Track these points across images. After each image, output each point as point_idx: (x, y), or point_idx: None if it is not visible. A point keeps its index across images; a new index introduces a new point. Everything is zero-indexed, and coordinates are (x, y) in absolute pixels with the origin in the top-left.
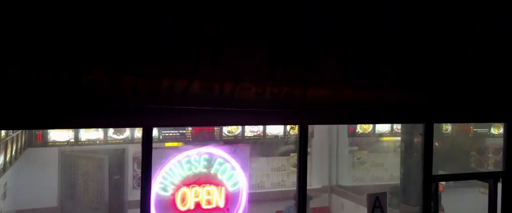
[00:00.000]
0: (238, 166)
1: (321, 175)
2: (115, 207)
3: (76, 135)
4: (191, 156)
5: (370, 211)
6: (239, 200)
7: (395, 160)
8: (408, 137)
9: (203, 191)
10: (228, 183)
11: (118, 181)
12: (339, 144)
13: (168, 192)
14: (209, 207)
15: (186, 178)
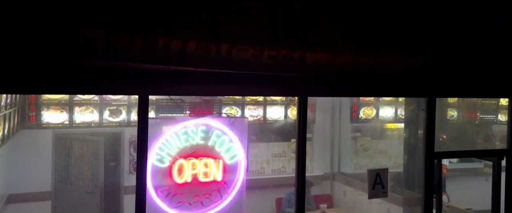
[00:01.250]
0: (236, 139)
1: (323, 162)
2: (110, 192)
3: (70, 117)
4: (188, 127)
5: (371, 187)
6: (237, 174)
7: (398, 148)
8: (412, 124)
9: (201, 164)
10: (225, 156)
11: (114, 166)
12: (342, 130)
13: (165, 163)
14: (206, 180)
15: (183, 150)
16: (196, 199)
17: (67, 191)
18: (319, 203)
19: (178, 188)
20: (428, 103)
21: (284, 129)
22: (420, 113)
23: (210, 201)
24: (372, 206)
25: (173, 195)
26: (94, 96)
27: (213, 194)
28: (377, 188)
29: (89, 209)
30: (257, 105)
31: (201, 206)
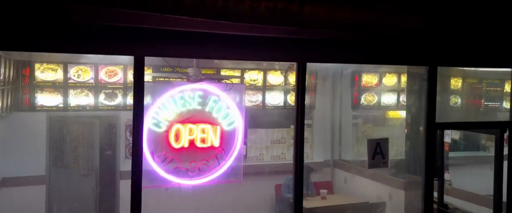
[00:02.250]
0: (234, 105)
1: (323, 149)
2: (106, 175)
3: (65, 100)
4: (185, 92)
5: (371, 157)
6: (235, 141)
7: (401, 135)
8: (413, 108)
9: (198, 129)
10: (223, 122)
11: (110, 154)
12: (342, 117)
13: (161, 128)
14: (204, 145)
15: (179, 115)
16: (194, 165)
17: (62, 175)
18: (319, 189)
19: (175, 153)
20: (429, 72)
21: (283, 115)
22: (422, 100)
23: (208, 167)
24: (374, 191)
25: (170, 161)
26: (89, 79)
27: (210, 160)
28: (377, 158)
29: (84, 192)
30: (256, 90)
31: (198, 172)
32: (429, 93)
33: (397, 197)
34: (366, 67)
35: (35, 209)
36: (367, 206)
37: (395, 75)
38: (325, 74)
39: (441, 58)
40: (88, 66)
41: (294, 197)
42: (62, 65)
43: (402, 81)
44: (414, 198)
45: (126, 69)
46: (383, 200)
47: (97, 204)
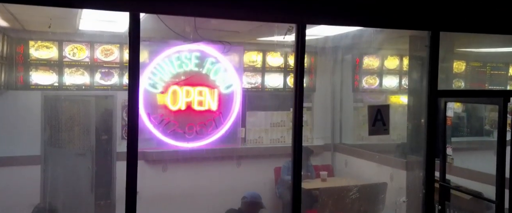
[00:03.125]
0: (231, 67)
1: (324, 132)
2: (102, 155)
3: (60, 79)
4: (181, 52)
5: (371, 124)
6: (233, 104)
7: (403, 119)
8: (415, 93)
9: (195, 92)
10: (221, 85)
11: (106, 139)
12: (343, 100)
13: (158, 89)
14: (201, 108)
15: (176, 76)
16: (191, 128)
17: (57, 154)
18: (319, 172)
19: (172, 116)
20: (432, 37)
21: (283, 98)
22: (423, 83)
23: (205, 130)
24: (375, 172)
25: (167, 123)
26: (84, 57)
27: (208, 123)
28: (378, 125)
29: (80, 171)
30: (255, 72)
31: (195, 135)
32: (431, 59)
33: (399, 178)
34: (367, 49)
35: (30, 189)
36: (367, 187)
37: (397, 57)
38: (325, 56)
39: (444, 22)
40: (83, 44)
41: (293, 177)
42: (57, 43)
43: (404, 64)
44: (415, 178)
45: (123, 48)
46: (385, 181)
47: (93, 183)
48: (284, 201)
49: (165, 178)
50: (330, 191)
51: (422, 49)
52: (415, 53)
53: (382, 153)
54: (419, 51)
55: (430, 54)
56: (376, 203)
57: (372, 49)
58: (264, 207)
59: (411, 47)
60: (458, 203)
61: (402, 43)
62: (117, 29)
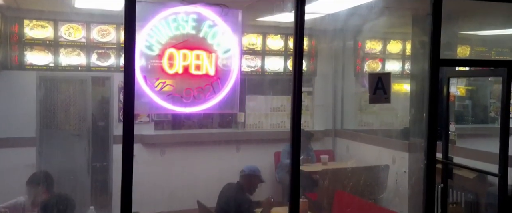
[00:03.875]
0: (229, 31)
1: (325, 118)
2: (99, 136)
3: (55, 59)
4: (178, 14)
5: (372, 92)
6: (231, 70)
7: (406, 104)
8: (418, 78)
9: (192, 55)
10: (218, 49)
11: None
12: (345, 85)
13: (154, 52)
14: (199, 73)
15: (173, 38)
16: (188, 92)
17: (53, 136)
18: (320, 156)
19: (169, 79)
20: (434, 5)
21: (283, 82)
22: (425, 69)
23: (203, 95)
24: (377, 156)
25: (164, 86)
26: (80, 38)
27: (206, 88)
28: (379, 93)
29: (76, 153)
30: (255, 55)
31: (193, 100)
32: (433, 27)
33: (401, 160)
34: (370, 32)
35: (26, 171)
36: (369, 169)
37: (400, 42)
38: (327, 40)
39: None
40: (79, 24)
41: (291, 160)
42: (53, 22)
43: (407, 49)
44: (418, 159)
45: (119, 29)
46: (386, 163)
47: (90, 165)
48: (284, 185)
49: (163, 162)
50: (330, 173)
51: (424, 34)
52: (418, 37)
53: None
54: (421, 36)
55: (433, 22)
56: (377, 185)
57: (374, 32)
58: (263, 181)
59: (414, 30)
60: (461, 183)
61: (405, 26)
62: (114, 7)
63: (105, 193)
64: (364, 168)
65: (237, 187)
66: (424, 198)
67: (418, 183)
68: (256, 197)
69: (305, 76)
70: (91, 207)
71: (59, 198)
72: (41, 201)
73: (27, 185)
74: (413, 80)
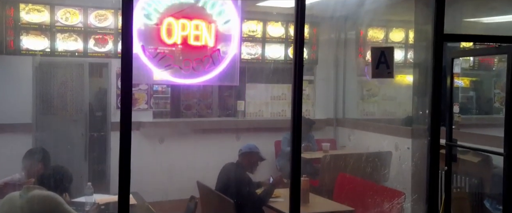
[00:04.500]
0: (229, 2)
1: (326, 107)
2: (96, 121)
3: (52, 44)
4: None
5: (375, 66)
6: (231, 41)
7: (408, 94)
8: (421, 66)
9: (191, 25)
10: (218, 19)
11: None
12: (347, 73)
13: (152, 20)
14: (198, 44)
15: (171, 8)
16: (187, 63)
17: (49, 122)
18: (321, 144)
19: (167, 50)
20: None
21: (284, 70)
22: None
23: (202, 67)
24: (380, 143)
25: (162, 56)
26: (77, 23)
27: (205, 59)
28: (381, 67)
29: (73, 139)
30: (255, 42)
31: (192, 72)
32: (437, 1)
33: (404, 147)
34: (372, 21)
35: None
36: (370, 155)
37: (402, 30)
38: (328, 28)
39: None
40: (76, 9)
41: (292, 147)
42: (49, 6)
43: (409, 37)
44: (421, 145)
45: (117, 14)
46: (389, 150)
47: (87, 151)
48: (285, 173)
49: (162, 151)
50: (332, 158)
51: (427, 22)
52: (420, 26)
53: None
54: (424, 24)
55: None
56: (380, 171)
57: (377, 20)
58: (263, 159)
59: (416, 17)
60: (466, 168)
61: (407, 13)
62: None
63: (102, 180)
64: (365, 154)
65: (237, 166)
66: (427, 183)
67: (422, 169)
68: (256, 178)
69: (306, 65)
70: (88, 183)
71: (55, 169)
72: (38, 174)
73: (23, 161)
74: (416, 68)
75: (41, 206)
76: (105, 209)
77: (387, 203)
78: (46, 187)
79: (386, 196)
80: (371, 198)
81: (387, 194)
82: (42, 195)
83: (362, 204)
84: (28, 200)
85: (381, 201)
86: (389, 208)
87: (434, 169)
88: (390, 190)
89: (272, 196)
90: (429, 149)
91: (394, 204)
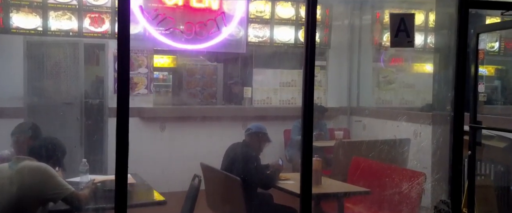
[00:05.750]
0: None
1: (339, 94)
2: (92, 105)
3: (44, 23)
4: None
5: (394, 35)
6: (236, 4)
7: (428, 81)
8: (443, 51)
9: None
10: None
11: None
12: (361, 59)
13: None
14: (201, 6)
15: None
16: (189, 27)
17: (42, 106)
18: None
19: (168, 11)
20: None
21: (294, 55)
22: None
23: (206, 32)
24: (397, 130)
25: (162, 19)
26: (72, 0)
27: (208, 23)
28: (401, 36)
29: (67, 123)
30: (263, 24)
31: (194, 36)
32: None
33: (424, 133)
34: (389, 2)
35: None
36: (386, 143)
37: (422, 12)
38: (342, 9)
39: None
40: None
41: (303, 135)
42: None
43: (430, 20)
44: (442, 131)
45: None
46: (407, 137)
47: (83, 136)
48: (295, 163)
49: (163, 139)
50: (345, 145)
51: (450, 5)
52: (443, 8)
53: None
54: (447, 7)
55: None
56: (396, 159)
57: (394, 1)
58: (270, 141)
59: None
60: (491, 155)
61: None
62: None
63: (100, 167)
64: (381, 141)
65: (243, 145)
66: (451, 164)
67: (444, 157)
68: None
69: (318, 49)
70: (83, 159)
71: (47, 140)
72: (28, 148)
73: (12, 136)
74: (437, 52)
75: (32, 177)
76: (101, 186)
77: (406, 184)
78: (37, 159)
79: (405, 176)
80: (389, 178)
81: (406, 174)
82: (33, 165)
83: (378, 185)
84: (18, 171)
85: (399, 182)
86: (408, 189)
87: (458, 150)
88: (409, 171)
89: (280, 178)
90: (452, 128)
91: (414, 185)
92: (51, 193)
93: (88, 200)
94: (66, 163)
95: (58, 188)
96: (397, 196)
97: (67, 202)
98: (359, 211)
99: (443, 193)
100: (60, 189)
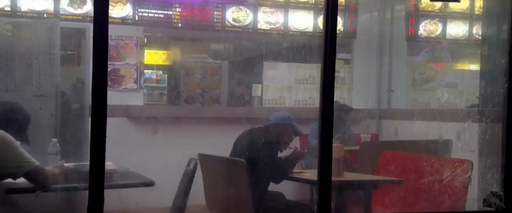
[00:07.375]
0: None
1: (366, 94)
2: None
3: (13, 2)
4: None
5: None
6: None
7: (474, 81)
8: (491, 43)
9: None
10: None
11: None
12: (394, 52)
13: None
14: None
15: None
16: None
17: (10, 100)
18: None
19: None
20: None
21: (312, 45)
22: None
23: None
24: (436, 133)
25: None
26: None
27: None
28: None
29: (40, 119)
30: (276, 8)
31: None
32: None
33: (469, 133)
34: None
35: None
36: (423, 145)
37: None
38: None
39: None
40: None
41: (320, 139)
42: None
43: (476, 6)
44: (490, 129)
45: None
46: (448, 138)
47: (58, 133)
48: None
49: (156, 144)
50: (372, 146)
51: None
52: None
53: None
54: None
55: None
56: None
57: None
58: (300, 134)
59: None
60: None
61: None
62: None
63: None
64: (415, 142)
65: (265, 132)
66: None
67: (492, 157)
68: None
69: (342, 39)
70: (53, 139)
71: (4, 105)
72: None
73: None
74: (485, 44)
75: None
76: (74, 169)
77: (449, 172)
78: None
79: (447, 165)
80: (428, 165)
81: (448, 163)
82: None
83: (414, 175)
84: None
85: (440, 169)
86: (451, 178)
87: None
88: (452, 160)
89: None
90: (505, 127)
91: (459, 174)
92: (10, 166)
93: (56, 179)
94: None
95: (19, 160)
96: (437, 185)
97: (30, 179)
98: (389, 202)
99: (495, 184)
100: (22, 161)
